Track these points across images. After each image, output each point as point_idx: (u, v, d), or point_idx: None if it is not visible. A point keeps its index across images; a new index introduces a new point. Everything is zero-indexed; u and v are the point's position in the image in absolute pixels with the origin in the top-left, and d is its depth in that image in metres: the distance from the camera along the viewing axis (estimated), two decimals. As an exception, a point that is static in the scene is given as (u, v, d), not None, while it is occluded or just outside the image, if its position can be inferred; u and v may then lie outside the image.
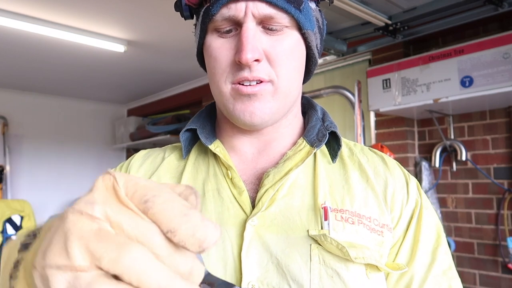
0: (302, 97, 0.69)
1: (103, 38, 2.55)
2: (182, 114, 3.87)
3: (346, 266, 0.53)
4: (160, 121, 3.89)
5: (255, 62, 0.53)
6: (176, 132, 3.64)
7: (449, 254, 0.61)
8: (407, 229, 0.60)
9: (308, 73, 0.64)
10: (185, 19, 0.62)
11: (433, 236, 0.61)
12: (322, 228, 0.54)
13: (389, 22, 1.86)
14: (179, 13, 0.62)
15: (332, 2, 0.63)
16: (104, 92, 4.22)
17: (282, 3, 0.53)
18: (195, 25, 0.62)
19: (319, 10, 0.63)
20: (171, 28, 2.44)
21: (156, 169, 0.66)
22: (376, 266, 0.55)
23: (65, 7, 2.17)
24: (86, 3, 2.11)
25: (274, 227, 0.55)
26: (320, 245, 0.54)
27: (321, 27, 0.63)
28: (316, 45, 0.61)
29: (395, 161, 0.66)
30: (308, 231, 0.55)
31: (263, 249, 0.54)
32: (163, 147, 0.72)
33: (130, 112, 4.79)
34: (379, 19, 1.83)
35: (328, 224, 0.54)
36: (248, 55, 0.51)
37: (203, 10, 0.57)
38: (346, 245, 0.52)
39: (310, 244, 0.54)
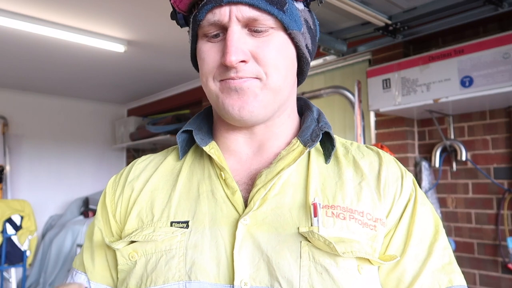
0: (300, 98, 0.71)
1: (103, 38, 2.55)
2: (182, 114, 3.87)
3: (336, 262, 0.53)
4: (160, 121, 3.89)
5: (241, 64, 0.55)
6: (176, 132, 3.63)
7: (449, 250, 0.61)
8: (398, 222, 0.60)
9: (301, 74, 0.66)
10: (181, 27, 0.65)
11: (429, 232, 0.61)
12: (312, 225, 0.55)
13: (389, 22, 1.86)
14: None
15: (322, 2, 0.63)
16: (104, 92, 4.21)
17: (265, 5, 0.54)
18: (188, 31, 0.64)
19: (309, 10, 0.64)
20: (171, 28, 2.44)
21: (154, 171, 0.68)
22: (368, 260, 0.55)
23: (65, 7, 2.17)
24: (86, 3, 2.11)
25: (266, 225, 0.56)
26: (310, 242, 0.54)
27: (312, 27, 0.64)
28: (306, 45, 0.61)
29: (392, 157, 0.67)
30: (298, 228, 0.55)
31: (255, 247, 0.55)
32: (165, 150, 0.74)
33: (130, 112, 4.79)
34: (379, 19, 1.83)
35: (318, 220, 0.55)
36: (232, 57, 0.53)
37: (192, 16, 0.59)
38: (334, 241, 0.53)
39: (300, 241, 0.55)
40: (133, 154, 4.65)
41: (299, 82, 0.68)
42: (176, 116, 3.77)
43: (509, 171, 2.02)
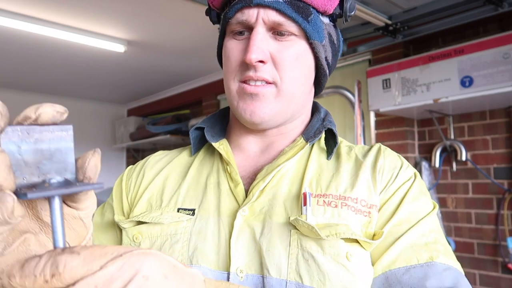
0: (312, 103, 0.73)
1: (103, 38, 2.55)
2: (182, 114, 3.87)
3: (323, 249, 0.55)
4: (160, 121, 3.89)
5: (260, 64, 0.58)
6: (176, 132, 3.64)
7: (437, 234, 0.58)
8: (385, 202, 0.59)
9: (318, 85, 0.69)
10: (213, 24, 0.69)
11: (417, 217, 0.58)
12: (302, 214, 0.57)
13: (389, 22, 1.86)
14: (179, 13, 0.66)
15: (347, 20, 0.66)
16: (104, 92, 4.21)
17: (291, 12, 0.58)
18: (219, 28, 0.68)
19: (334, 26, 0.67)
20: (171, 28, 2.44)
21: (167, 163, 0.72)
22: (358, 243, 0.56)
23: (65, 7, 2.16)
24: (86, 3, 2.11)
25: (262, 215, 0.59)
26: (298, 230, 0.56)
27: (335, 42, 0.67)
28: (326, 57, 0.64)
29: (395, 153, 0.68)
30: (290, 217, 0.57)
31: (251, 237, 0.58)
32: (181, 148, 0.78)
33: (130, 112, 4.79)
34: (379, 19, 1.83)
35: (306, 209, 0.57)
36: (252, 56, 0.56)
37: (223, 14, 0.63)
38: (321, 227, 0.54)
39: (290, 230, 0.57)
40: (133, 154, 4.65)
41: (316, 93, 0.71)
42: (176, 116, 3.77)
43: (509, 171, 2.02)
